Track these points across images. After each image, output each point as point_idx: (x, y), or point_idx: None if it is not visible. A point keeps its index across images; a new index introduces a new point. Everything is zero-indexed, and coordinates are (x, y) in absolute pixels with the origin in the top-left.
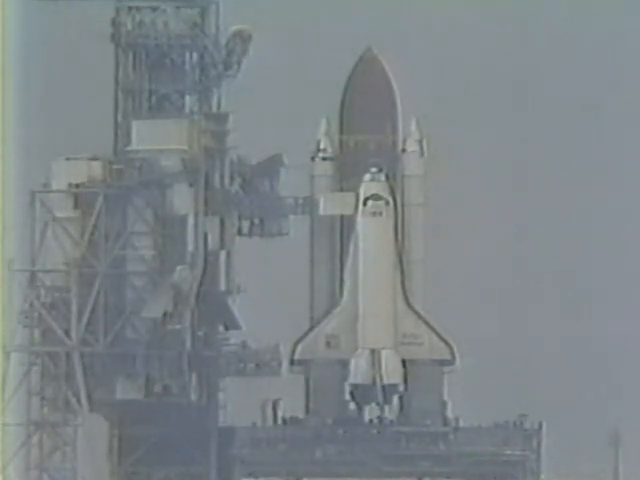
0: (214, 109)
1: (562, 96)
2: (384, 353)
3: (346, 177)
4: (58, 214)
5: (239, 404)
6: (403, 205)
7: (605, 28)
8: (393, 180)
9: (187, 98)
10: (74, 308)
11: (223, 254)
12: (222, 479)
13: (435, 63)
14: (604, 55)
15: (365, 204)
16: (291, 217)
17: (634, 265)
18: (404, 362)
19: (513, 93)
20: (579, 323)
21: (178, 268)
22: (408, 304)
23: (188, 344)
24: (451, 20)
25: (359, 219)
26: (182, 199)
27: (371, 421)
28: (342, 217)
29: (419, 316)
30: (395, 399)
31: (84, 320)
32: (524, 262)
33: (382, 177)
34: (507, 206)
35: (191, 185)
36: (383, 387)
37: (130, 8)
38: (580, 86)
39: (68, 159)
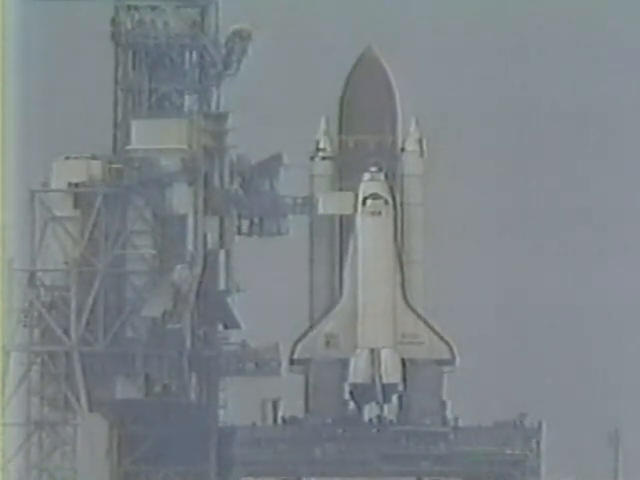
0: (214, 108)
1: (563, 96)
2: (384, 352)
3: (345, 177)
4: (58, 213)
5: (239, 403)
6: (402, 204)
7: (605, 30)
8: (392, 180)
9: (187, 97)
10: (74, 307)
11: (223, 253)
12: (222, 479)
13: (435, 63)
14: (605, 57)
15: (364, 203)
16: (290, 216)
17: (632, 265)
18: (404, 361)
19: (513, 93)
20: (579, 323)
21: (178, 267)
22: (407, 303)
23: (188, 343)
24: (451, 20)
25: (358, 218)
26: (182, 198)
27: (371, 420)
28: (341, 216)
29: (419, 315)
30: (395, 398)
31: (84, 319)
32: (524, 262)
33: (381, 176)
34: (507, 205)
35: (190, 184)
36: (383, 386)
37: (129, 7)
38: (582, 86)
39: (68, 158)
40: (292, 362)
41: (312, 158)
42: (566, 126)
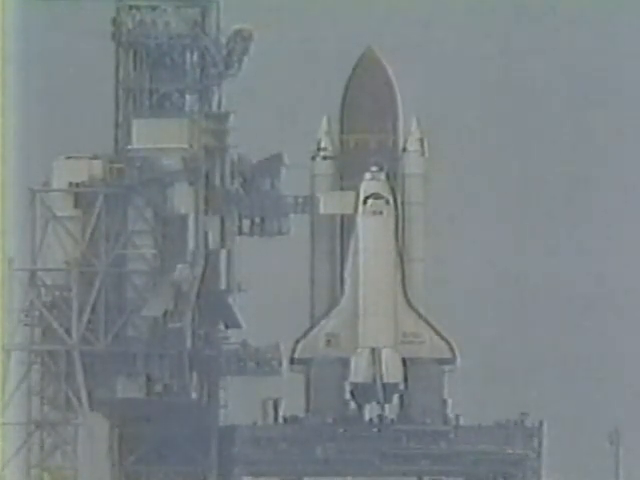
0: (215, 108)
1: (563, 96)
2: (384, 352)
3: (347, 176)
4: (58, 213)
5: (240, 403)
6: (403, 204)
7: (607, 28)
8: (393, 179)
9: (188, 97)
10: (74, 307)
11: (224, 253)
12: (222, 478)
13: (435, 63)
14: (607, 55)
15: (365, 203)
16: (291, 216)
17: (633, 266)
18: (404, 361)
19: (513, 93)
20: (579, 323)
21: (179, 267)
22: (408, 303)
23: (189, 343)
24: (451, 20)
25: (359, 218)
26: (183, 198)
27: (371, 420)
28: (342, 216)
29: (419, 315)
30: (395, 398)
31: (84, 319)
32: (524, 262)
33: (382, 176)
34: (507, 205)
35: (192, 184)
36: (383, 386)
37: (131, 7)
38: (583, 86)
39: (69, 158)
40: (293, 361)
41: (313, 158)
42: (568, 125)
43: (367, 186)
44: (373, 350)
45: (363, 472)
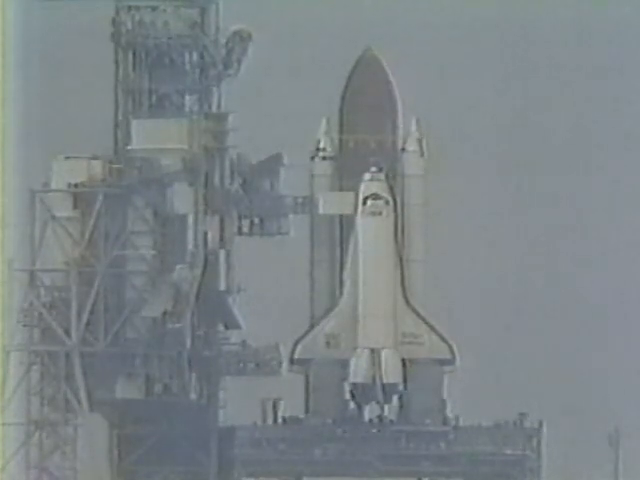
0: (214, 108)
1: (563, 95)
2: (384, 352)
3: (346, 176)
4: (58, 213)
5: (239, 403)
6: (403, 205)
7: (606, 26)
8: (393, 179)
9: (187, 97)
10: (74, 307)
11: (223, 253)
12: (222, 479)
13: (435, 63)
14: (606, 54)
15: (365, 203)
16: (291, 216)
17: (634, 266)
18: (404, 361)
19: (513, 92)
20: (579, 322)
21: (178, 267)
22: (408, 303)
23: (188, 343)
24: (451, 20)
25: (359, 218)
26: (182, 198)
27: (371, 420)
28: (342, 216)
29: (419, 315)
30: (395, 398)
31: (84, 319)
32: (524, 262)
33: (382, 176)
34: (507, 205)
35: (191, 184)
36: (383, 386)
37: (130, 7)
38: (582, 85)
39: (68, 158)
40: (292, 362)
41: (312, 158)
42: (568, 125)
43: (366, 186)
44: (373, 351)
45: (363, 473)
